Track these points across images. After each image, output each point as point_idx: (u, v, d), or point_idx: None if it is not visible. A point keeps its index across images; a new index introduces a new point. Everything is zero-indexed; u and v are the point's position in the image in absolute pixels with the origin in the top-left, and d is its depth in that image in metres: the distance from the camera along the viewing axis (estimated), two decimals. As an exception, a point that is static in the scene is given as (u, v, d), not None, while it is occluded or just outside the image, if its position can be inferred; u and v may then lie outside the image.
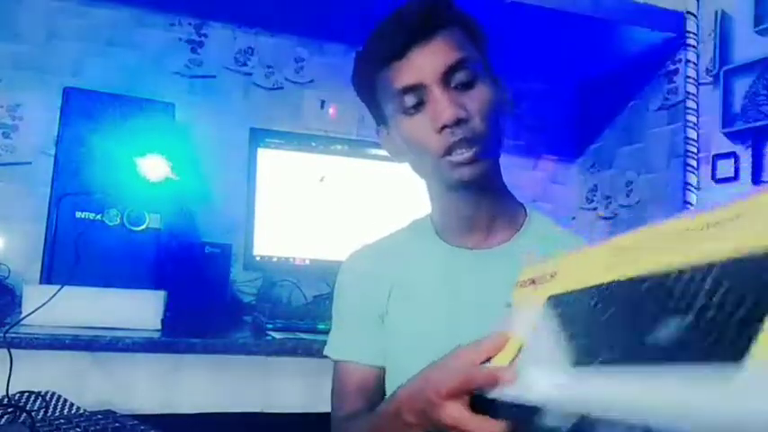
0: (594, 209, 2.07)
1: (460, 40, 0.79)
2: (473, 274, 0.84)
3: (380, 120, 0.88)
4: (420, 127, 0.78)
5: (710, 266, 0.39)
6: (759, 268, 0.34)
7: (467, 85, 0.77)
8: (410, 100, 0.78)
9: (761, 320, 0.33)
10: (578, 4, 1.62)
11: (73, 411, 1.00)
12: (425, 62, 0.77)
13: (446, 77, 0.77)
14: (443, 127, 0.76)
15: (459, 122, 0.75)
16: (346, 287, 0.95)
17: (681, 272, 0.41)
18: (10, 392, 1.05)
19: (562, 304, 0.53)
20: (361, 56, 0.85)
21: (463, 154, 0.76)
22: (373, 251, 0.94)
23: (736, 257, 0.37)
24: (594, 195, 2.08)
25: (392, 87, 0.79)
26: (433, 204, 0.90)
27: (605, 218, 2.02)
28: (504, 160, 0.87)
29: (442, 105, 0.75)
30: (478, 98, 0.77)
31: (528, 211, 0.89)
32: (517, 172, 2.01)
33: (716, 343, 0.36)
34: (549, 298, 0.56)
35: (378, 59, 0.81)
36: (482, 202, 0.84)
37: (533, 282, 0.61)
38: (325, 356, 0.95)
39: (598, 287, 0.49)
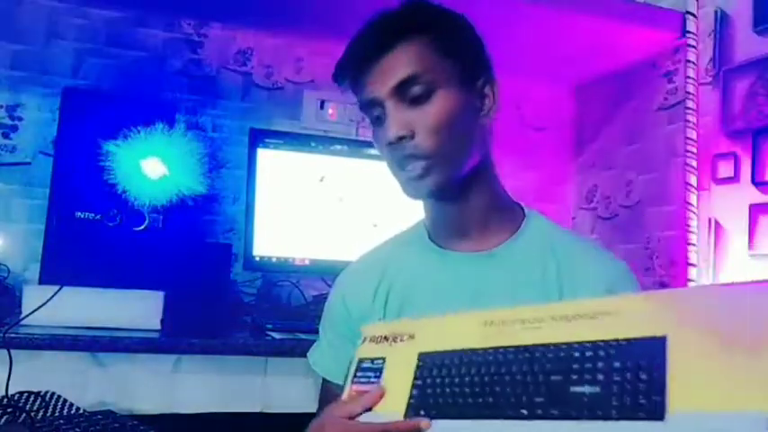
0: (594, 209, 2.07)
1: (419, 51, 0.78)
2: (467, 279, 0.83)
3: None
4: (380, 140, 0.81)
5: (599, 345, 0.50)
6: (646, 349, 0.48)
7: (421, 99, 0.77)
8: (372, 113, 0.81)
9: (662, 387, 0.46)
10: (579, 3, 1.62)
11: (72, 411, 1.00)
12: (379, 78, 0.78)
13: (399, 92, 0.78)
14: (389, 143, 0.78)
15: (402, 139, 0.76)
16: (333, 305, 0.95)
17: (571, 345, 0.52)
18: (9, 393, 1.05)
19: (438, 362, 0.60)
20: (334, 77, 0.86)
21: (413, 170, 0.78)
22: (366, 265, 0.93)
23: (623, 340, 0.49)
24: (594, 195, 2.08)
25: (360, 101, 0.82)
26: (424, 208, 0.90)
27: (605, 218, 2.02)
28: (504, 160, 0.87)
29: (388, 123, 0.78)
30: (432, 112, 0.77)
31: (526, 212, 0.88)
32: (517, 172, 2.02)
33: (631, 404, 0.46)
34: (420, 355, 0.62)
35: (347, 76, 0.83)
36: (466, 207, 0.84)
37: (386, 339, 0.67)
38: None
39: (477, 351, 0.58)
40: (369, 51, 0.79)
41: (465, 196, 0.83)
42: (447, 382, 0.58)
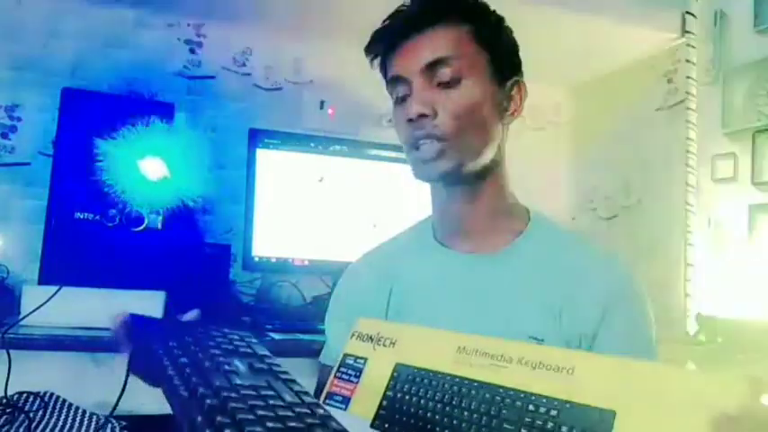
0: (594, 209, 2.07)
1: (456, 37, 0.78)
2: (469, 281, 0.83)
3: None
4: (399, 117, 0.81)
5: (553, 402, 0.53)
6: (594, 420, 0.50)
7: (448, 83, 0.78)
8: (398, 90, 0.81)
9: None
10: (579, 3, 1.62)
11: (71, 412, 1.00)
12: (411, 56, 0.78)
13: (428, 72, 0.78)
14: (409, 120, 0.77)
15: (422, 118, 0.76)
16: (341, 296, 0.94)
17: (529, 396, 0.55)
18: (9, 393, 1.05)
19: (410, 377, 0.63)
20: (368, 47, 0.85)
21: (427, 152, 0.77)
22: (372, 261, 0.93)
23: (575, 404, 0.52)
24: (594, 195, 2.08)
25: (387, 76, 0.82)
26: (432, 204, 0.89)
27: (605, 218, 2.02)
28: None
29: (412, 99, 0.78)
30: (457, 98, 0.77)
31: (531, 215, 0.88)
32: (517, 172, 2.01)
33: None
34: (397, 365, 0.65)
35: (378, 50, 0.83)
36: (476, 208, 0.83)
37: (372, 339, 0.70)
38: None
39: (446, 376, 0.61)
40: (406, 27, 0.79)
41: (476, 196, 0.83)
42: (414, 401, 0.61)
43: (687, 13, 1.68)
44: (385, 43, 0.81)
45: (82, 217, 1.29)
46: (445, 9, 0.79)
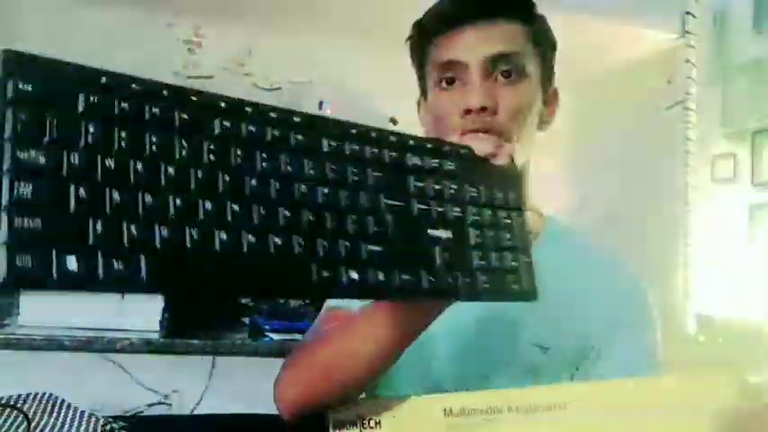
0: (593, 209, 2.07)
1: (520, 35, 0.77)
2: None
3: (422, 91, 0.86)
4: (448, 103, 0.77)
5: None
6: None
7: (509, 80, 0.75)
8: (449, 74, 0.77)
9: None
10: (579, 3, 1.62)
11: (71, 412, 1.00)
12: (475, 42, 0.75)
13: (490, 64, 0.75)
14: (467, 110, 0.74)
15: (483, 111, 0.74)
16: None
17: None
18: (8, 393, 1.05)
19: None
20: (421, 21, 0.81)
21: (480, 144, 0.75)
22: None
23: None
24: (594, 195, 2.08)
25: (438, 58, 0.78)
26: None
27: (604, 218, 2.02)
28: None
29: (474, 89, 0.74)
30: (515, 95, 0.75)
31: (546, 220, 0.87)
32: (516, 172, 2.01)
33: None
34: None
35: (435, 28, 0.79)
36: None
37: (355, 424, 0.66)
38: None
39: None
40: (471, 14, 0.76)
41: None
42: None
43: (687, 13, 1.68)
44: (446, 22, 0.77)
45: (81, 217, 1.29)
46: (515, 5, 0.77)
